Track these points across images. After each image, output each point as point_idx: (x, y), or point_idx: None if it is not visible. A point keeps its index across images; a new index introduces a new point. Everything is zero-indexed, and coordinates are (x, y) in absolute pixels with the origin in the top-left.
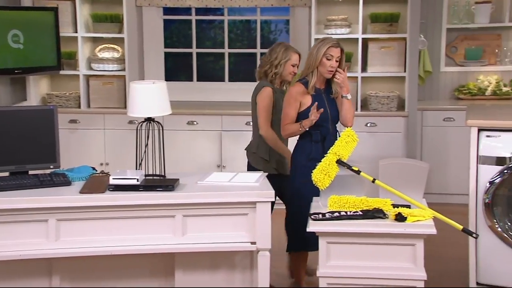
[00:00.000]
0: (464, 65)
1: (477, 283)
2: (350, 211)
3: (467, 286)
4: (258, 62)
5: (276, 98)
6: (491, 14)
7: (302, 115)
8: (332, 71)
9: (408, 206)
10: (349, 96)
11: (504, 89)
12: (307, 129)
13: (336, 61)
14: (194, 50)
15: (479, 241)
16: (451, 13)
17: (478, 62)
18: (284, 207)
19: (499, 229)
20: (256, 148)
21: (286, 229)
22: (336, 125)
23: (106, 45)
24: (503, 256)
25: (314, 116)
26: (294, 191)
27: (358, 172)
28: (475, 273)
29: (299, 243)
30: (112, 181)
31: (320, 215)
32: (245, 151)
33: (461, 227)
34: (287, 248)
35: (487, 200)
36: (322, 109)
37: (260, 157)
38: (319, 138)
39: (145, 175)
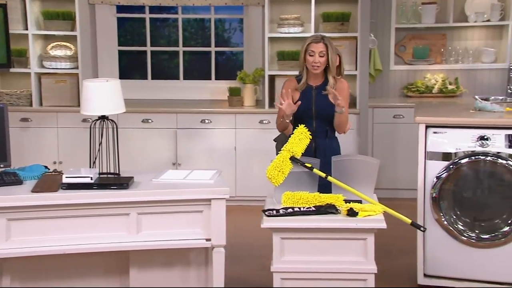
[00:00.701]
0: (412, 64)
1: (425, 275)
2: (304, 207)
3: (416, 277)
4: (213, 60)
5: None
6: (437, 14)
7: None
8: (316, 66)
9: (360, 201)
10: (343, 110)
11: (450, 87)
12: (288, 120)
13: (321, 56)
14: (148, 48)
15: (427, 234)
16: (399, 13)
17: (425, 61)
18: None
19: (445, 222)
20: (278, 139)
21: None
22: (326, 122)
23: (58, 43)
24: (449, 248)
25: (279, 105)
26: None
27: (311, 168)
28: (423, 265)
29: None
30: (65, 180)
31: (274, 211)
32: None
33: (409, 221)
34: None
35: (434, 195)
36: (299, 102)
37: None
38: None
39: (99, 174)
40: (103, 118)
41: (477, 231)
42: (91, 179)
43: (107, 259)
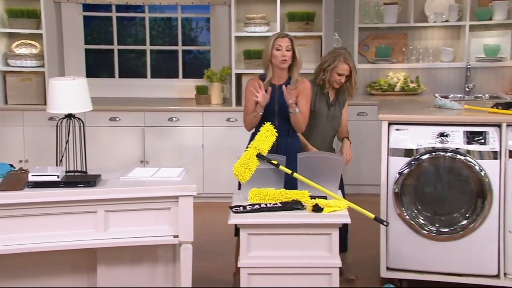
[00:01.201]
0: (375, 63)
1: (388, 268)
2: (270, 203)
3: (379, 271)
4: (180, 59)
5: (313, 100)
6: (398, 14)
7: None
8: (284, 60)
9: (325, 197)
10: (297, 110)
11: (411, 85)
12: (261, 113)
13: (288, 50)
14: (115, 47)
15: (389, 228)
16: (362, 13)
17: (387, 60)
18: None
19: (407, 217)
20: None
21: None
22: (289, 121)
23: (23, 41)
24: (411, 242)
25: (254, 98)
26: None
27: (277, 165)
28: (386, 259)
29: None
30: (31, 178)
31: (241, 208)
32: None
33: (373, 216)
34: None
35: (396, 190)
36: (270, 89)
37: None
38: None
39: (66, 172)
40: (69, 116)
41: (437, 225)
42: (58, 177)
43: (75, 257)
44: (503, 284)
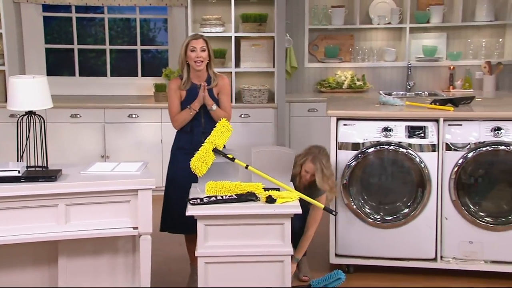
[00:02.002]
0: (324, 62)
1: (336, 255)
2: (226, 195)
3: (328, 257)
4: (139, 58)
5: None
6: (345, 17)
7: (181, 107)
8: (199, 61)
9: (278, 189)
10: (214, 108)
11: (358, 83)
12: (197, 110)
13: (202, 50)
14: (75, 46)
15: (338, 217)
16: (312, 15)
17: (335, 59)
18: (162, 193)
19: (354, 206)
20: None
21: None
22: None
23: None
24: (358, 230)
25: (201, 93)
26: (167, 176)
27: (232, 159)
28: (334, 246)
29: (173, 225)
30: None
31: (198, 200)
32: None
33: (322, 206)
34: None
35: (344, 181)
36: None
37: None
38: (188, 129)
39: (27, 167)
40: (30, 113)
41: (381, 214)
42: (19, 172)
43: (36, 249)
44: (440, 267)
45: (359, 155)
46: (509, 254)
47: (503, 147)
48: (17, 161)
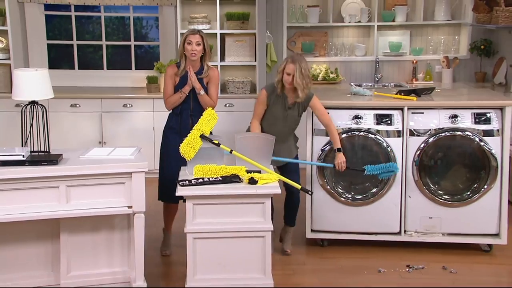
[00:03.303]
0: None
1: (312, 230)
2: (212, 177)
3: (305, 232)
4: (133, 52)
5: (272, 101)
6: (320, 15)
7: (174, 91)
8: (194, 53)
9: (259, 172)
10: (201, 92)
11: (331, 75)
12: (187, 94)
13: (198, 44)
14: (74, 42)
15: (313, 197)
16: (290, 14)
17: (311, 54)
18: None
19: (328, 187)
20: None
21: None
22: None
23: None
24: (331, 208)
25: (191, 78)
26: (160, 153)
27: (218, 144)
28: (310, 222)
29: (168, 196)
30: None
31: (187, 182)
32: None
33: (299, 186)
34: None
35: None
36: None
37: None
38: (178, 111)
39: (31, 152)
40: (33, 103)
41: (352, 193)
42: (23, 156)
43: (40, 227)
44: (404, 239)
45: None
46: (464, 227)
47: (459, 133)
48: (22, 146)
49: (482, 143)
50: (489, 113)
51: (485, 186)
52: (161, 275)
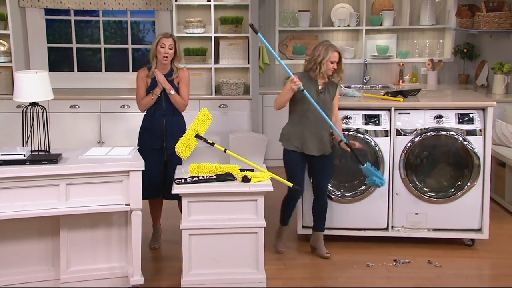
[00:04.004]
0: (292, 59)
1: (303, 226)
2: (207, 176)
3: (296, 228)
4: (130, 55)
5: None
6: (310, 20)
7: (146, 93)
8: (166, 57)
9: (252, 170)
10: (172, 92)
11: None
12: (158, 95)
13: (170, 48)
14: (74, 46)
15: (304, 194)
16: (281, 18)
17: (302, 57)
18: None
19: None
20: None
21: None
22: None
23: None
24: None
25: (159, 80)
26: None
27: (212, 144)
28: (301, 219)
29: (150, 193)
30: (0, 157)
31: (183, 180)
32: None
33: (291, 184)
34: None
35: None
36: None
37: (283, 134)
38: (151, 112)
39: (32, 151)
40: (33, 104)
41: (342, 190)
42: (24, 156)
43: (40, 224)
44: (391, 235)
45: None
46: (448, 223)
47: (443, 132)
48: (23, 146)
49: (465, 142)
50: (472, 113)
51: (468, 184)
52: (158, 270)
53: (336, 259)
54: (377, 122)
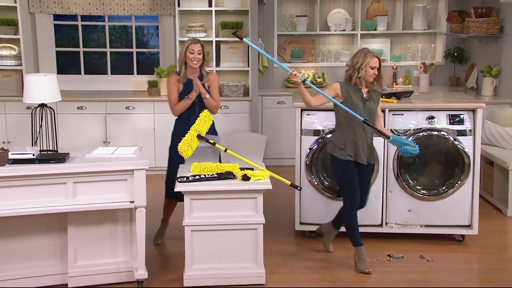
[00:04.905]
0: (291, 62)
1: (300, 223)
2: (208, 174)
3: (294, 225)
4: (135, 59)
5: (349, 94)
6: (307, 24)
7: (179, 98)
8: (196, 61)
9: (252, 169)
10: (207, 96)
11: (318, 80)
12: (194, 99)
13: (199, 53)
14: (81, 49)
15: (302, 192)
16: (280, 23)
17: (300, 60)
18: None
19: (316, 183)
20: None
21: None
22: (205, 106)
23: (4, 45)
24: (318, 202)
25: (196, 87)
26: (169, 156)
27: (213, 144)
28: (299, 215)
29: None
30: (11, 156)
31: (185, 178)
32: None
33: (289, 182)
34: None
35: (307, 162)
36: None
37: (335, 144)
38: (186, 117)
39: (40, 151)
40: (42, 105)
41: (337, 188)
42: (33, 155)
43: (49, 220)
44: (385, 231)
45: (319, 140)
46: (439, 219)
47: (435, 133)
48: (32, 146)
49: (456, 142)
50: (462, 114)
51: (459, 182)
52: (161, 265)
53: (332, 254)
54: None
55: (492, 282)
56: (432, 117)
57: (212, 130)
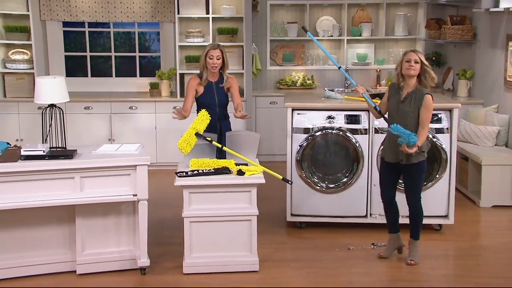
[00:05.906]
0: (282, 65)
1: (291, 214)
2: (206, 169)
3: (285, 216)
4: (137, 62)
5: (393, 93)
6: (298, 30)
7: (198, 100)
8: (215, 67)
9: (246, 164)
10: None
11: (308, 82)
12: (186, 117)
13: (218, 59)
14: (88, 54)
15: (293, 186)
16: (272, 29)
17: (291, 63)
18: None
19: (305, 177)
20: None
21: None
22: (226, 108)
23: (17, 50)
24: (308, 195)
25: (174, 115)
26: None
27: (210, 141)
28: (290, 208)
29: None
30: (23, 153)
31: (184, 173)
32: None
33: (281, 177)
34: None
35: (298, 158)
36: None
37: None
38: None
39: (50, 148)
40: (52, 106)
41: (326, 182)
42: (44, 152)
43: (58, 212)
44: (369, 221)
45: (309, 137)
46: None
47: None
48: (42, 143)
49: (434, 139)
50: (440, 114)
51: (437, 176)
52: (162, 253)
53: (321, 243)
54: (357, 121)
55: (466, 267)
56: None
57: (227, 127)
